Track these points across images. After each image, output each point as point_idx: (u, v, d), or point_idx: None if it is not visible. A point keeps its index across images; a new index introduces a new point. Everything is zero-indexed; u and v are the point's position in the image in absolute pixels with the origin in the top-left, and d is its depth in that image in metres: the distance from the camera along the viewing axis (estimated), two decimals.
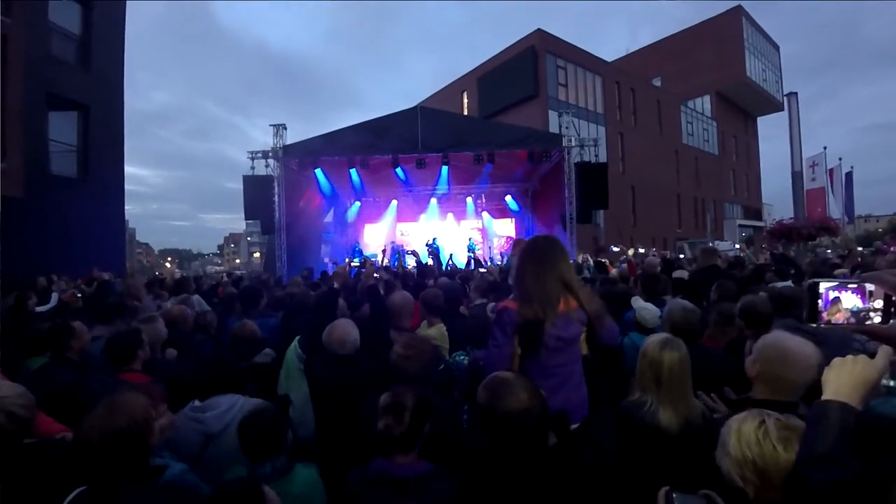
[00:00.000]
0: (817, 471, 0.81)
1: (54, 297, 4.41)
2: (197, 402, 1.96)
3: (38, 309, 4.17)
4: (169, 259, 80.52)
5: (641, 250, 13.80)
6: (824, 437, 0.83)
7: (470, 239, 13.19)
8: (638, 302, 3.24)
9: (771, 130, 40.74)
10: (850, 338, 2.21)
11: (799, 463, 0.86)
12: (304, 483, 1.66)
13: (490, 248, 13.86)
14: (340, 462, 1.73)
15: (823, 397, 0.89)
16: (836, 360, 0.91)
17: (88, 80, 11.27)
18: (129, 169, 13.58)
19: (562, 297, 1.92)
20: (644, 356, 1.86)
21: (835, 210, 12.84)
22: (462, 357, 2.73)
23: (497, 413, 1.37)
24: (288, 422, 1.79)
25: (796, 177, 11.47)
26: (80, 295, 4.42)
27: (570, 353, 2.00)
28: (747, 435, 1.01)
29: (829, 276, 3.89)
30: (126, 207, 13.40)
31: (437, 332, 2.97)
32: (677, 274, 5.09)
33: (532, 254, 2.01)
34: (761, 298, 2.71)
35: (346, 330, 2.34)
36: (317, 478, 1.71)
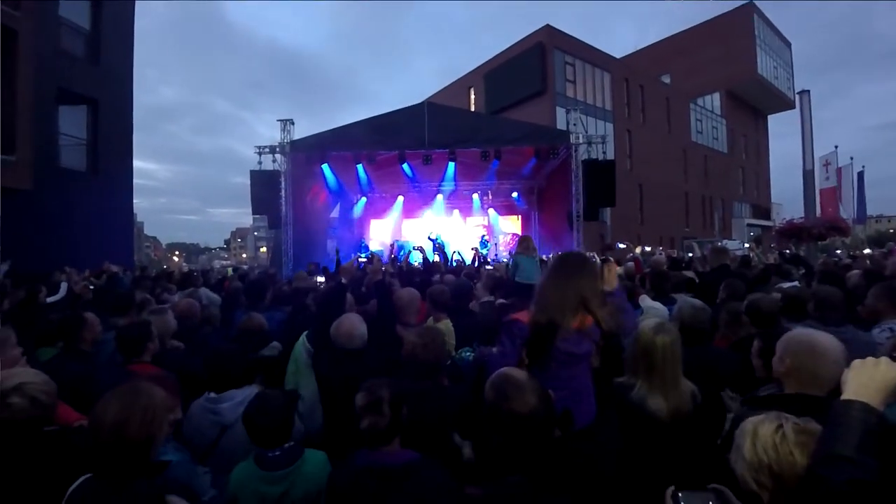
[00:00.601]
0: (837, 471, 0.80)
1: (63, 287, 4.44)
2: (213, 394, 1.98)
3: (49, 299, 4.21)
4: (176, 253, 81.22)
5: (648, 249, 13.70)
6: (846, 437, 0.82)
7: (482, 236, 13.14)
8: (646, 301, 3.22)
9: (781, 128, 40.17)
10: (875, 343, 2.17)
11: (816, 462, 0.85)
12: (314, 467, 1.69)
13: (496, 244, 13.85)
14: (348, 454, 1.74)
15: (843, 397, 0.87)
16: (857, 362, 0.90)
17: (98, 74, 11.35)
18: (137, 163, 13.62)
19: (578, 313, 1.92)
20: (638, 341, 1.92)
21: (842, 210, 12.65)
22: (468, 353, 2.72)
23: (503, 412, 1.37)
24: (294, 410, 1.81)
25: (807, 176, 11.31)
26: (91, 287, 4.47)
27: (580, 367, 2.01)
28: (764, 439, 0.98)
29: (842, 277, 3.81)
30: (134, 201, 13.51)
31: (443, 327, 2.96)
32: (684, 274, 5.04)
33: (557, 268, 2.05)
34: (766, 297, 2.70)
35: (353, 324, 2.36)
36: (326, 462, 1.74)
